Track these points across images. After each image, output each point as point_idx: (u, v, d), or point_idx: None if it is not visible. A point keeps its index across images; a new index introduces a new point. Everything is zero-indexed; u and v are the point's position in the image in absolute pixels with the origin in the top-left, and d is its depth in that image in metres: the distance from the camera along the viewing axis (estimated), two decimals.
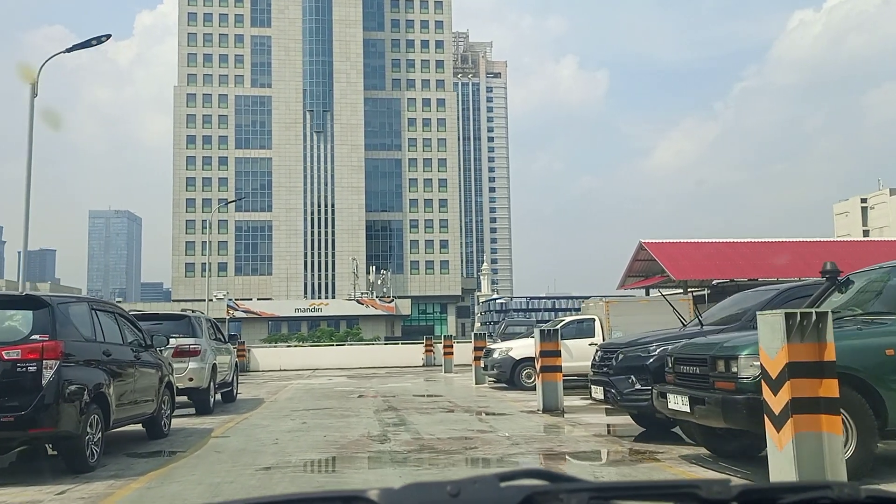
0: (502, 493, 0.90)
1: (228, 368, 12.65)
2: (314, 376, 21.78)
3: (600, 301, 14.81)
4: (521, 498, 0.88)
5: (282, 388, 16.95)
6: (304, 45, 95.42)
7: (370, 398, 13.40)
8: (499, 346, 14.93)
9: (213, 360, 11.22)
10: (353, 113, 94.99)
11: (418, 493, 0.90)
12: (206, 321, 11.77)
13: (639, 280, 27.60)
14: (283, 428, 8.86)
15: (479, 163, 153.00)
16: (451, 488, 0.89)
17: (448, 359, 21.59)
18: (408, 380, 19.23)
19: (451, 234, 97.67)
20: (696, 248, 26.34)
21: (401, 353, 28.58)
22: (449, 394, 14.06)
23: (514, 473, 0.97)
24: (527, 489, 0.90)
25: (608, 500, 0.92)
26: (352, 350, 30.96)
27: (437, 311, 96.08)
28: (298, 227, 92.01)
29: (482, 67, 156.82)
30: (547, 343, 10.04)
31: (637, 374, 6.90)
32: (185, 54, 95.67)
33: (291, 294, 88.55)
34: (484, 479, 0.91)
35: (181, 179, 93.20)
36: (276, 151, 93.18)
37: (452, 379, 19.06)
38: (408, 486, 0.91)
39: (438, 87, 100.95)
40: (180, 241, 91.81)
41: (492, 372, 14.68)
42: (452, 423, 9.23)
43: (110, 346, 6.70)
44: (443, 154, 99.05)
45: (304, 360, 27.49)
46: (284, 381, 20.15)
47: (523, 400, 12.21)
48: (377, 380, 19.21)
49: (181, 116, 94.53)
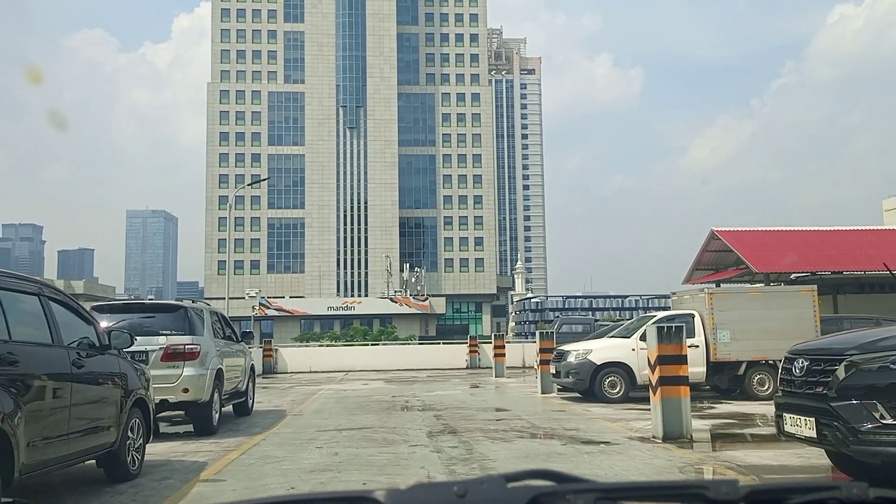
0: (509, 494, 0.90)
1: (242, 374, 10.09)
2: (347, 380, 19.23)
3: (700, 293, 11.90)
4: (527, 499, 0.89)
5: (310, 395, 14.39)
6: (338, 40, 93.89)
7: (417, 412, 10.72)
8: (574, 347, 12.06)
9: (219, 364, 8.63)
10: (387, 108, 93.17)
11: (425, 493, 0.90)
12: (212, 314, 9.16)
13: (709, 273, 24.42)
14: (305, 465, 6.19)
15: (513, 160, 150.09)
16: (458, 489, 0.89)
17: (500, 362, 18.83)
18: (455, 385, 16.53)
19: (486, 231, 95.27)
20: (777, 238, 23.12)
21: (441, 353, 25.85)
22: (515, 407, 11.28)
23: (521, 474, 0.96)
24: (533, 490, 0.91)
25: (615, 501, 0.92)
26: (387, 350, 28.32)
27: (472, 310, 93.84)
28: (331, 225, 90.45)
29: (516, 64, 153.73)
30: (668, 345, 7.26)
31: (886, 399, 4.09)
32: (219, 51, 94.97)
33: (324, 292, 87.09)
34: (491, 479, 0.91)
35: (214, 176, 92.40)
36: (308, 148, 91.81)
37: (507, 385, 16.29)
38: (415, 486, 0.91)
39: (473, 81, 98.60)
40: (213, 238, 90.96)
41: (566, 380, 11.83)
42: (543, 457, 6.49)
43: (19, 348, 4.10)
44: (477, 150, 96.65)
45: (336, 360, 24.92)
46: (314, 384, 17.59)
47: (618, 418, 9.41)
48: (419, 385, 16.55)
49: (214, 113, 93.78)
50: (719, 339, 11.47)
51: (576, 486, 0.93)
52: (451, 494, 0.88)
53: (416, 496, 0.90)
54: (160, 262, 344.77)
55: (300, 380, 19.82)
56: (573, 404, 11.49)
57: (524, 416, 9.87)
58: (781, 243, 22.48)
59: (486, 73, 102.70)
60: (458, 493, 0.88)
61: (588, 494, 0.90)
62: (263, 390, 16.44)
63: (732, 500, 0.91)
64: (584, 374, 11.49)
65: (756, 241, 22.58)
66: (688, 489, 0.95)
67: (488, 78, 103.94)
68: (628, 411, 10.19)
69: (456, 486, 0.89)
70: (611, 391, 11.42)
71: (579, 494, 0.90)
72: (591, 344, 12.05)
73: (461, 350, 25.01)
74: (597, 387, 11.46)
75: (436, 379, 18.89)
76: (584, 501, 0.89)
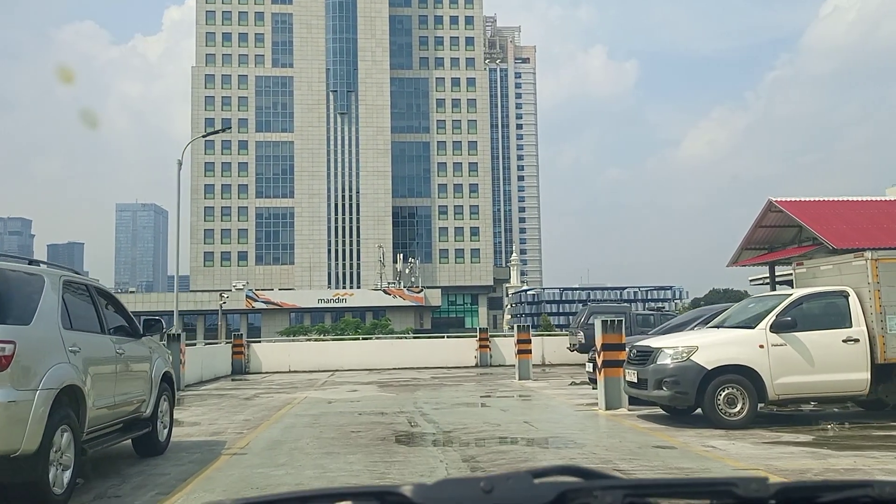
0: (536, 490, 0.89)
1: (145, 390, 6.02)
2: (332, 383, 15.19)
3: (857, 260, 7.88)
4: (554, 495, 0.88)
5: (276, 409, 10.34)
6: (328, 22, 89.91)
7: (431, 446, 6.70)
8: (666, 343, 7.93)
9: (73, 377, 4.53)
10: (379, 93, 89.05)
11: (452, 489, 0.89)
12: (71, 286, 5.04)
13: (762, 253, 20.39)
14: None
15: (508, 151, 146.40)
16: (485, 484, 0.88)
17: (525, 360, 14.76)
18: (470, 392, 12.52)
19: (482, 220, 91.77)
20: (850, 209, 19.20)
21: (444, 349, 21.68)
22: (584, 436, 7.23)
23: (548, 470, 0.95)
24: (560, 486, 0.90)
25: (643, 499, 0.91)
26: (381, 346, 24.04)
27: (468, 303, 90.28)
28: (322, 214, 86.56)
29: (510, 53, 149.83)
30: None
31: None
32: (204, 34, 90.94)
33: (314, 284, 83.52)
34: (517, 475, 0.91)
35: (199, 164, 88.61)
36: (297, 134, 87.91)
37: (542, 393, 12.25)
38: (442, 481, 0.90)
39: (468, 65, 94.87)
40: (198, 228, 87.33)
41: (657, 392, 7.68)
42: None
43: None
44: (473, 136, 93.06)
45: (321, 358, 20.74)
46: (288, 390, 13.55)
47: (770, 458, 5.42)
48: (424, 392, 12.53)
49: (199, 99, 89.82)
50: (890, 328, 7.48)
51: (604, 483, 0.91)
52: (478, 490, 0.87)
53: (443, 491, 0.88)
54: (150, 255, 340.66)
55: (273, 383, 15.75)
56: (669, 431, 7.41)
57: (613, 459, 5.84)
58: (859, 216, 18.57)
59: (483, 56, 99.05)
60: (485, 489, 0.87)
61: (616, 491, 0.89)
62: (220, 398, 12.36)
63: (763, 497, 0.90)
64: (687, 384, 7.41)
65: (828, 213, 18.63)
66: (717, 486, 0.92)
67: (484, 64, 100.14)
68: (777, 447, 6.20)
69: (483, 482, 0.88)
70: (728, 410, 7.37)
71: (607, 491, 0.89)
72: (695, 337, 7.94)
73: (468, 345, 20.96)
74: (707, 403, 7.40)
75: (443, 381, 14.86)
76: (612, 498, 0.88)
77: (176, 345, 13.31)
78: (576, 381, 14.16)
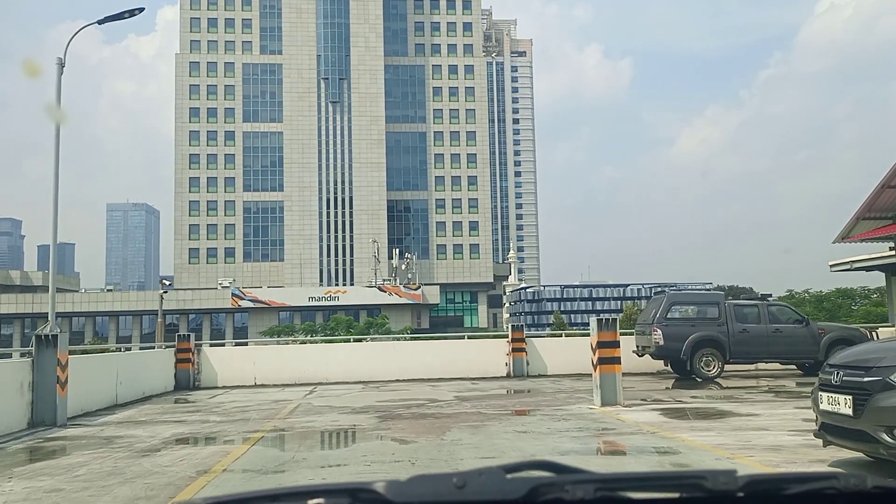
0: (508, 485, 0.90)
1: None
2: (305, 410, 10.18)
3: None
4: (526, 489, 0.89)
5: (180, 488, 5.32)
6: (318, 6, 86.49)
7: None
8: None
9: None
10: (373, 81, 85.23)
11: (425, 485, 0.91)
12: None
13: (885, 225, 15.44)
14: None
15: (505, 146, 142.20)
16: (458, 480, 0.90)
17: (611, 374, 9.33)
18: (543, 438, 7.52)
19: (481, 214, 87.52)
20: None
21: (464, 353, 16.47)
22: None
23: (520, 465, 0.97)
24: (532, 480, 0.91)
25: (614, 492, 0.93)
26: (378, 350, 18.49)
27: (468, 301, 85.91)
28: (313, 208, 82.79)
29: (506, 46, 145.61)
30: None
31: None
32: (188, 19, 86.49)
33: (306, 281, 79.39)
34: (490, 470, 0.92)
35: (183, 156, 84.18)
36: (287, 124, 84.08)
37: (694, 447, 7.28)
38: (414, 477, 0.92)
39: (466, 52, 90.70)
40: (183, 223, 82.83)
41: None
42: None
43: None
44: (471, 126, 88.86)
45: (300, 365, 15.56)
46: (227, 427, 8.49)
47: None
48: (459, 432, 7.50)
49: (183, 87, 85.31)
50: None
51: (575, 477, 0.92)
52: (451, 486, 0.88)
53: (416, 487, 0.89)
54: (142, 255, 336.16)
55: (219, 409, 10.71)
56: None
57: None
58: None
59: (481, 42, 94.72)
60: (458, 485, 0.88)
61: (587, 485, 0.90)
62: (88, 453, 7.21)
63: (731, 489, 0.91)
64: None
65: None
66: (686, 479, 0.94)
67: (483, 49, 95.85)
68: None
69: (455, 478, 0.89)
70: None
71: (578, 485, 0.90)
72: None
73: (494, 348, 15.89)
74: None
75: (479, 407, 9.79)
76: (584, 492, 0.89)
77: (49, 351, 8.25)
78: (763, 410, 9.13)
